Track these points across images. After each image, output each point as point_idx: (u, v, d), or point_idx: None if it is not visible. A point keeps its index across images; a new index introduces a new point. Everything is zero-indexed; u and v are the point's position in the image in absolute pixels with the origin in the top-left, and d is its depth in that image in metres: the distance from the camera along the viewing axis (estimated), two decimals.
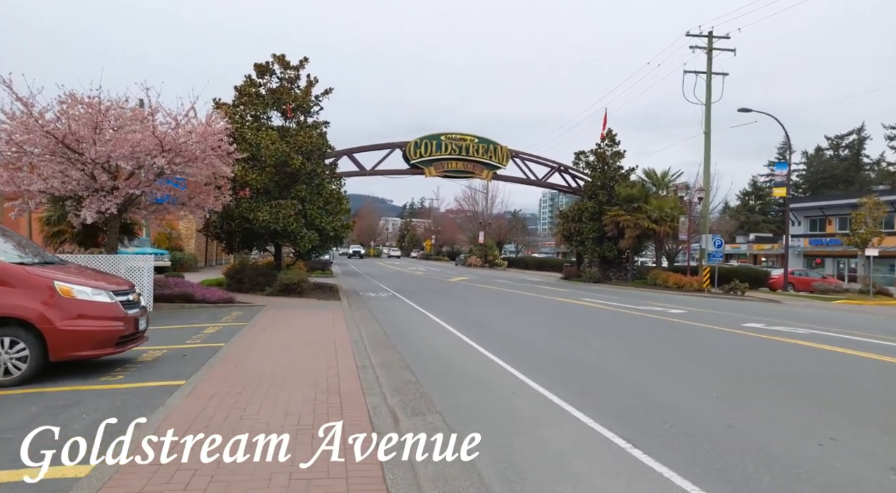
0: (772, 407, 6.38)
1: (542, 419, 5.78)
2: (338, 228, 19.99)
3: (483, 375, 7.73)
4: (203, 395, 5.87)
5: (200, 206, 16.77)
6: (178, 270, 32.83)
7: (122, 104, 13.82)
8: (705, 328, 13.49)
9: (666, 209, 30.24)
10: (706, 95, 33.73)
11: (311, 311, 14.25)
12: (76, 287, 6.52)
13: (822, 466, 4.60)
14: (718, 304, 21.78)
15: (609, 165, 34.12)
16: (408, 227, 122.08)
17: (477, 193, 69.05)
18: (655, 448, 4.87)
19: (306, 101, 20.40)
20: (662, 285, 29.49)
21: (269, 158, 18.65)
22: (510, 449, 4.80)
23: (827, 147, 76.08)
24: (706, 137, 33.65)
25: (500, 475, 4.25)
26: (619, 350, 10.21)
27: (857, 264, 48.34)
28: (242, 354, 8.24)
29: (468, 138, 35.64)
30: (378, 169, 34.86)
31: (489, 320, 14.03)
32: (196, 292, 14.65)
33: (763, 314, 17.62)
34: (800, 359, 9.78)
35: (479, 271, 52.09)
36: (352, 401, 5.82)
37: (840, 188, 66.94)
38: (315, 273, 31.56)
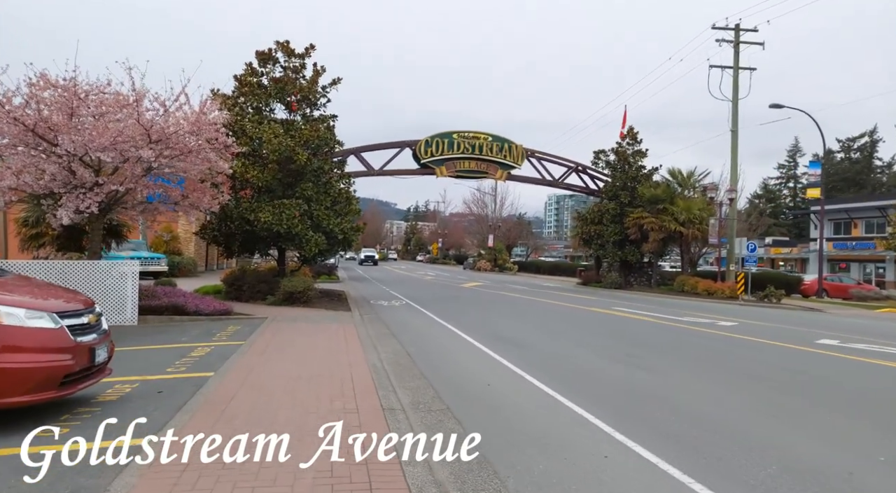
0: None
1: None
2: (347, 230, 18.20)
3: (553, 425, 5.87)
4: (168, 472, 4.07)
5: (195, 206, 15.03)
6: (177, 275, 31.16)
7: (103, 88, 12.08)
8: (777, 347, 11.62)
9: (694, 211, 28.35)
10: (733, 91, 31.92)
11: (319, 325, 12.46)
12: (2, 309, 4.75)
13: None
14: (763, 314, 19.90)
15: (630, 164, 32.28)
16: (413, 230, 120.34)
17: (486, 195, 67.27)
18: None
19: (313, 91, 18.65)
20: (690, 291, 27.59)
21: (272, 154, 16.91)
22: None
23: (838, 150, 74.37)
24: (733, 136, 31.83)
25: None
26: (699, 380, 8.37)
27: (885, 269, 46.41)
28: (234, 390, 6.44)
29: (481, 137, 33.89)
30: (387, 169, 33.15)
31: (524, 336, 12.22)
32: (188, 303, 12.88)
33: (825, 327, 15.73)
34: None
35: (489, 275, 50.25)
36: (384, 476, 4.03)
37: (852, 191, 64.98)
38: (321, 278, 29.79)
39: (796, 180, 75.53)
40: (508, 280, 41.34)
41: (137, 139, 11.88)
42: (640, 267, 33.09)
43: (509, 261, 61.72)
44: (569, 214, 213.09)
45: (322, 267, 32.23)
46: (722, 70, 32.39)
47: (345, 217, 18.36)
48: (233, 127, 17.16)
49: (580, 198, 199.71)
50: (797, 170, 76.12)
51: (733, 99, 31.88)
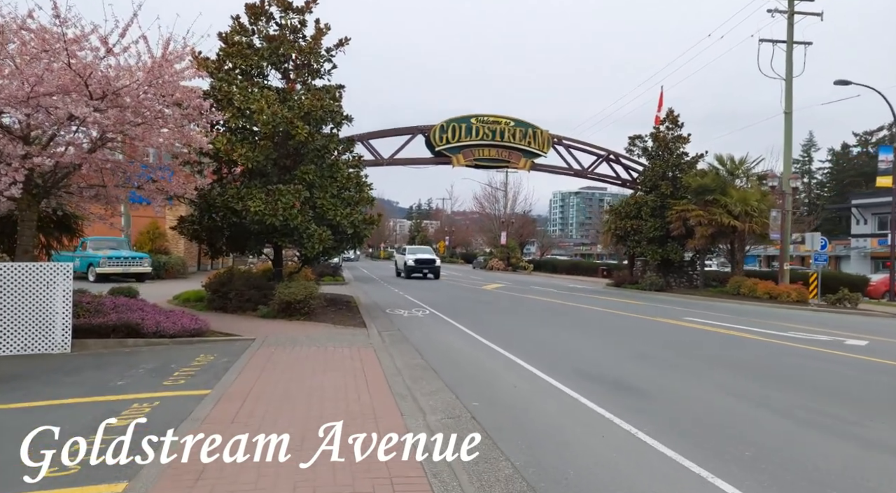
0: None
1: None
2: (357, 223, 14.68)
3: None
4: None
5: (164, 191, 11.61)
6: (163, 276, 27.74)
7: (24, 24, 8.62)
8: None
9: (751, 202, 24.76)
10: (786, 69, 28.30)
11: (326, 350, 9.00)
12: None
13: None
14: (867, 324, 16.40)
15: (671, 150, 28.76)
16: (418, 228, 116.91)
17: (497, 191, 63.70)
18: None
19: (315, 54, 15.16)
20: (748, 295, 24.02)
21: (264, 128, 13.43)
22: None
23: (854, 144, 70.97)
24: (787, 118, 28.17)
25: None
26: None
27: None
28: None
29: (503, 121, 30.40)
30: (398, 157, 29.70)
31: (619, 371, 8.74)
32: (146, 321, 9.41)
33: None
34: None
35: (504, 275, 46.73)
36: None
37: (870, 187, 61.54)
38: (325, 280, 26.31)
39: (811, 175, 72.22)
40: (528, 281, 37.81)
41: (70, 89, 8.44)
42: (681, 267, 29.56)
43: (523, 260, 58.19)
44: (574, 212, 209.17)
45: (326, 267, 28.71)
46: (773, 45, 28.85)
47: (355, 207, 14.86)
48: (216, 95, 13.75)
49: (585, 195, 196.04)
50: (812, 165, 72.78)
51: (786, 77, 28.25)
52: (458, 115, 30.05)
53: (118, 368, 7.52)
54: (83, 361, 7.96)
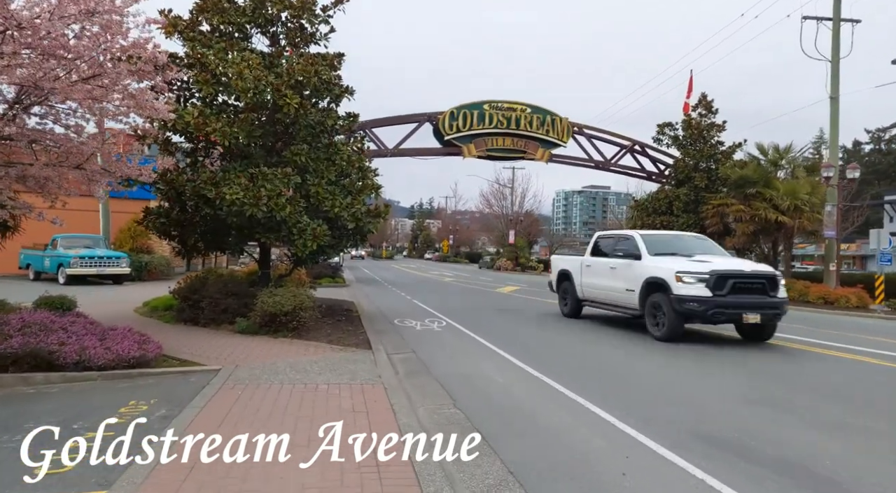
0: None
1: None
2: (360, 215, 11.98)
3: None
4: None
5: (109, 173, 9.03)
6: (144, 277, 25.13)
7: None
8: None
9: (801, 195, 22.10)
10: (832, 49, 25.66)
11: (316, 391, 6.35)
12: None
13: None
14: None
15: (706, 139, 26.09)
16: (421, 227, 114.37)
17: (505, 188, 61.01)
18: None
19: (307, 11, 12.50)
20: (798, 299, 21.33)
21: (245, 96, 10.74)
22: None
23: (867, 141, 68.43)
24: (833, 103, 25.53)
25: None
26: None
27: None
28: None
29: (518, 107, 27.77)
30: (403, 147, 27.10)
31: (776, 436, 6.11)
32: (67, 348, 6.74)
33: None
34: None
35: (514, 276, 44.07)
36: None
37: (884, 185, 58.97)
38: (323, 281, 23.60)
39: None
40: (543, 282, 35.12)
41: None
42: None
43: (531, 259, 55.55)
44: (578, 211, 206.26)
45: (325, 267, 25.99)
46: (818, 23, 26.17)
47: (357, 196, 12.17)
48: (188, 60, 11.12)
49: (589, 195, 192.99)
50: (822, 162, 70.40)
51: (832, 58, 25.63)
52: (470, 100, 27.43)
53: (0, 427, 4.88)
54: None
